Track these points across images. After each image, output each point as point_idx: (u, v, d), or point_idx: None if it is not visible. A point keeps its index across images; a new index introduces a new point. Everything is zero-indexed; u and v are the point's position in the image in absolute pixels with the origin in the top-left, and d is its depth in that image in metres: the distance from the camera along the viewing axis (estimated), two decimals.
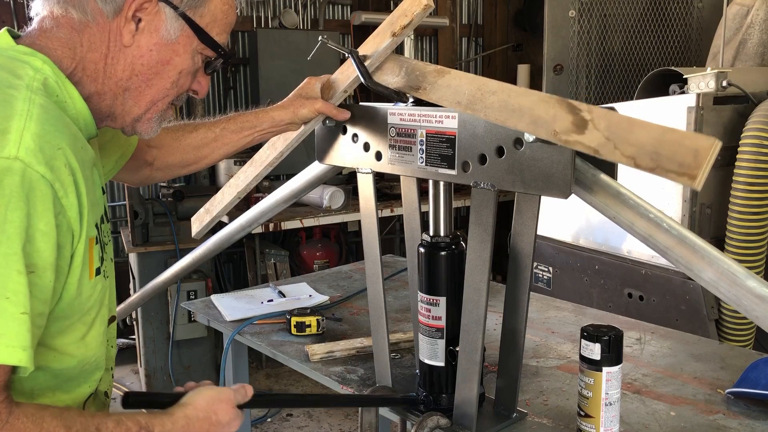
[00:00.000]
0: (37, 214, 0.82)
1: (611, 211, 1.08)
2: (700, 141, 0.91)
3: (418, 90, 1.25)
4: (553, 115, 1.04)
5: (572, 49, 3.68)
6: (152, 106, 1.07)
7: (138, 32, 1.01)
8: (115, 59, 1.01)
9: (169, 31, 1.02)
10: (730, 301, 1.00)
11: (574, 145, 1.02)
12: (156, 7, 1.00)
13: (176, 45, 1.03)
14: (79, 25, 0.99)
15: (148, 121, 1.09)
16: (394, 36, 1.27)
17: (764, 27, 2.90)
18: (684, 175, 0.91)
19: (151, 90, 1.05)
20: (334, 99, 1.41)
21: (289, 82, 2.07)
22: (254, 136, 1.41)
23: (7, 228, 0.79)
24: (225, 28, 1.09)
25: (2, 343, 0.78)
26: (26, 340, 0.80)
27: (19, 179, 0.81)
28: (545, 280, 3.02)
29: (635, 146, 0.95)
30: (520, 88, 1.10)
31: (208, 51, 1.07)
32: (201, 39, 1.05)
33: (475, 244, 1.23)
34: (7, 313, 0.78)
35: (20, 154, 0.82)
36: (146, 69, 1.03)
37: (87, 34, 1.00)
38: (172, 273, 2.04)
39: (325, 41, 1.37)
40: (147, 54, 1.02)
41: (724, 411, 1.36)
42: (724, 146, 2.71)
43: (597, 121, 1.00)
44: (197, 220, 1.73)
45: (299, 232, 4.45)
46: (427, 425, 1.26)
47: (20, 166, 0.81)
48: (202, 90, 1.13)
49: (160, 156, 1.41)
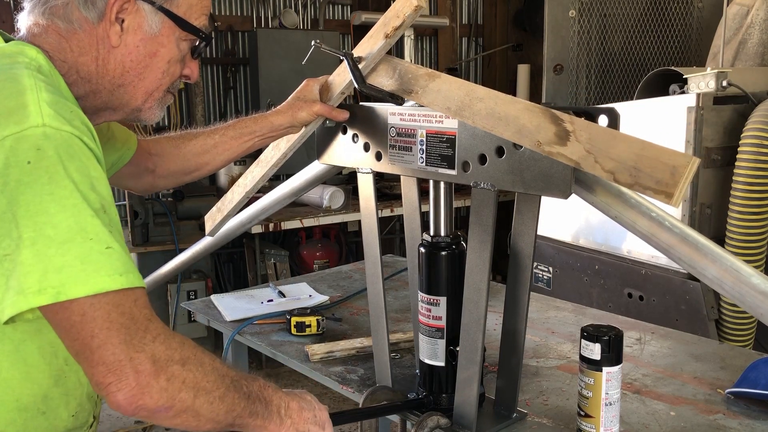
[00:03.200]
0: (85, 164, 0.89)
1: (613, 210, 1.08)
2: (677, 159, 0.92)
3: (410, 93, 1.25)
4: (537, 125, 1.05)
5: (572, 49, 3.68)
6: (148, 96, 1.13)
7: (123, 32, 1.06)
8: (105, 60, 1.07)
9: (151, 25, 1.07)
10: (733, 298, 1.00)
11: (557, 157, 1.02)
12: (135, 6, 1.06)
13: (160, 37, 1.09)
14: (67, 32, 1.05)
15: (148, 110, 1.15)
16: (387, 38, 1.27)
17: (764, 27, 2.90)
18: (661, 193, 0.92)
19: (144, 82, 1.10)
20: (333, 100, 1.41)
21: (289, 82, 2.07)
22: (254, 141, 1.43)
23: (68, 183, 0.86)
24: (202, 10, 1.13)
25: (104, 274, 0.85)
26: (119, 267, 0.87)
27: (55, 142, 0.86)
28: (545, 280, 3.02)
29: (615, 161, 0.96)
30: (506, 96, 1.11)
31: (190, 37, 1.13)
32: (182, 27, 1.10)
33: (475, 244, 1.23)
34: (95, 251, 0.86)
35: (46, 120, 0.87)
36: (136, 64, 1.08)
37: (75, 41, 1.05)
38: (171, 267, 2.05)
39: (318, 45, 1.37)
40: (135, 50, 1.07)
41: (724, 411, 1.36)
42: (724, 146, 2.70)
43: (578, 132, 1.00)
44: (210, 219, 1.75)
45: (299, 232, 4.45)
46: (427, 425, 1.26)
47: (50, 131, 0.87)
48: (194, 74, 1.18)
49: (161, 164, 1.44)
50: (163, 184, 1.49)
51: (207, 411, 0.93)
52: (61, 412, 1.04)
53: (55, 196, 0.84)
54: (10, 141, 0.85)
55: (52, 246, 0.83)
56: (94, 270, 0.85)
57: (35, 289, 0.82)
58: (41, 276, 0.83)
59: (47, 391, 1.01)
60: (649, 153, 0.94)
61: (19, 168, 0.84)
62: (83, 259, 0.84)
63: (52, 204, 0.84)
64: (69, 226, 0.84)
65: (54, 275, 0.83)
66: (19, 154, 0.84)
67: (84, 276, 0.84)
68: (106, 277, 0.85)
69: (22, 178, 0.84)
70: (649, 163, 0.93)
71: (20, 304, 0.83)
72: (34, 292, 0.82)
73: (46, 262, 0.83)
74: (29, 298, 0.83)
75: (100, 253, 0.86)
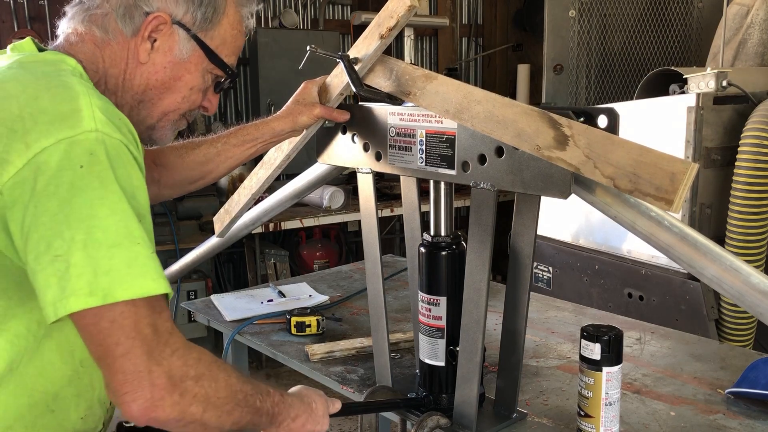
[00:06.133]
0: (129, 172, 0.92)
1: (612, 210, 1.08)
2: (676, 165, 0.92)
3: (408, 95, 1.25)
4: (535, 129, 1.05)
5: (572, 49, 3.68)
6: (164, 116, 1.16)
7: (153, 51, 1.10)
8: (132, 74, 1.11)
9: (181, 50, 1.11)
10: (733, 297, 1.00)
11: (557, 162, 1.02)
12: (170, 30, 1.09)
13: (188, 64, 1.12)
14: (101, 42, 1.08)
15: (161, 129, 1.17)
16: (383, 38, 1.27)
17: (764, 27, 2.90)
18: (661, 200, 0.92)
19: (163, 102, 1.14)
20: (332, 102, 1.41)
21: (289, 82, 2.08)
22: (257, 148, 1.44)
23: (117, 188, 0.89)
24: (234, 50, 1.17)
25: (149, 278, 0.89)
26: (161, 272, 0.92)
27: (106, 148, 0.89)
28: (545, 280, 3.02)
29: (615, 166, 0.96)
30: (504, 99, 1.11)
31: (217, 71, 1.16)
32: (211, 59, 1.14)
33: (475, 244, 1.23)
34: (143, 255, 0.89)
35: (98, 126, 0.90)
36: (160, 84, 1.12)
37: (108, 51, 1.09)
38: (178, 267, 2.05)
39: (314, 50, 1.37)
40: (161, 71, 1.11)
41: (724, 411, 1.36)
42: (724, 146, 2.69)
43: (577, 137, 1.00)
44: (218, 220, 1.76)
45: (299, 232, 4.45)
46: (427, 425, 1.26)
47: (102, 136, 0.90)
48: (212, 107, 1.21)
49: (165, 174, 1.45)
50: (168, 194, 1.50)
51: (215, 423, 0.96)
52: (70, 413, 1.05)
53: (105, 200, 0.88)
54: (65, 144, 0.87)
55: (101, 249, 0.86)
56: (140, 274, 0.88)
57: (86, 292, 0.85)
58: (91, 278, 0.86)
59: (59, 389, 1.02)
60: (648, 159, 0.94)
61: (72, 171, 0.86)
62: (130, 263, 0.88)
63: (102, 208, 0.87)
64: (117, 230, 0.88)
65: (103, 278, 0.86)
66: (73, 158, 0.87)
67: (130, 279, 0.87)
68: (151, 281, 0.89)
69: (74, 182, 0.86)
70: (648, 169, 0.93)
71: (71, 305, 0.85)
72: (85, 294, 0.85)
73: (95, 265, 0.86)
74: (80, 300, 0.85)
75: (147, 257, 0.90)
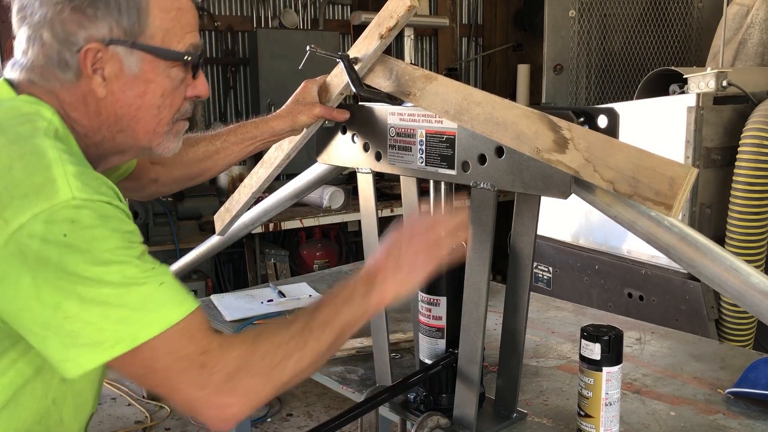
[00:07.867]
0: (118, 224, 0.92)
1: (612, 210, 1.08)
2: (675, 169, 0.92)
3: (408, 96, 1.25)
4: (535, 132, 1.05)
5: (572, 49, 3.69)
6: (152, 134, 1.08)
7: (107, 81, 1.01)
8: (96, 113, 1.03)
9: (130, 66, 1.01)
10: (733, 297, 1.00)
11: (556, 164, 1.02)
12: (109, 53, 0.99)
13: (144, 74, 1.02)
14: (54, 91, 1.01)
15: (159, 146, 1.10)
16: (382, 38, 1.27)
17: (764, 27, 2.90)
18: (661, 204, 0.92)
19: (141, 123, 1.06)
20: (332, 102, 1.41)
21: (289, 82, 2.07)
22: (256, 146, 1.43)
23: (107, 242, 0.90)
24: (183, 30, 1.05)
25: (165, 310, 0.92)
26: (176, 297, 0.94)
27: (89, 211, 0.89)
28: (545, 280, 3.02)
29: (614, 170, 0.96)
30: (503, 100, 1.11)
31: (177, 63, 1.05)
32: (163, 57, 1.03)
33: (475, 244, 1.23)
34: (152, 291, 0.92)
35: (75, 193, 0.88)
36: (128, 109, 1.04)
37: (63, 97, 1.02)
38: (178, 266, 2.05)
39: (314, 50, 1.37)
40: (122, 96, 1.02)
41: (724, 411, 1.36)
42: (724, 146, 2.69)
43: (577, 140, 1.00)
44: (219, 219, 1.77)
45: (299, 232, 4.45)
46: (427, 425, 1.26)
47: (80, 203, 0.88)
48: (202, 90, 1.12)
49: (164, 172, 1.44)
50: (167, 191, 1.50)
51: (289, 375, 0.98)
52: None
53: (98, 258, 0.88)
54: (44, 216, 0.86)
55: (111, 299, 0.88)
56: (156, 309, 0.91)
57: (112, 342, 0.88)
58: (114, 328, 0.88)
59: (29, 427, 1.01)
60: (647, 163, 0.94)
61: (56, 242, 0.86)
62: (144, 305, 0.90)
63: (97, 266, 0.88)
64: (121, 279, 0.89)
65: (123, 326, 0.89)
66: (55, 229, 0.86)
67: (150, 318, 0.90)
68: (169, 310, 0.91)
69: (62, 250, 0.86)
70: (648, 173, 0.93)
71: (98, 357, 0.89)
72: (111, 345, 0.88)
73: (112, 316, 0.88)
74: (108, 350, 0.88)
75: (157, 292, 0.91)
